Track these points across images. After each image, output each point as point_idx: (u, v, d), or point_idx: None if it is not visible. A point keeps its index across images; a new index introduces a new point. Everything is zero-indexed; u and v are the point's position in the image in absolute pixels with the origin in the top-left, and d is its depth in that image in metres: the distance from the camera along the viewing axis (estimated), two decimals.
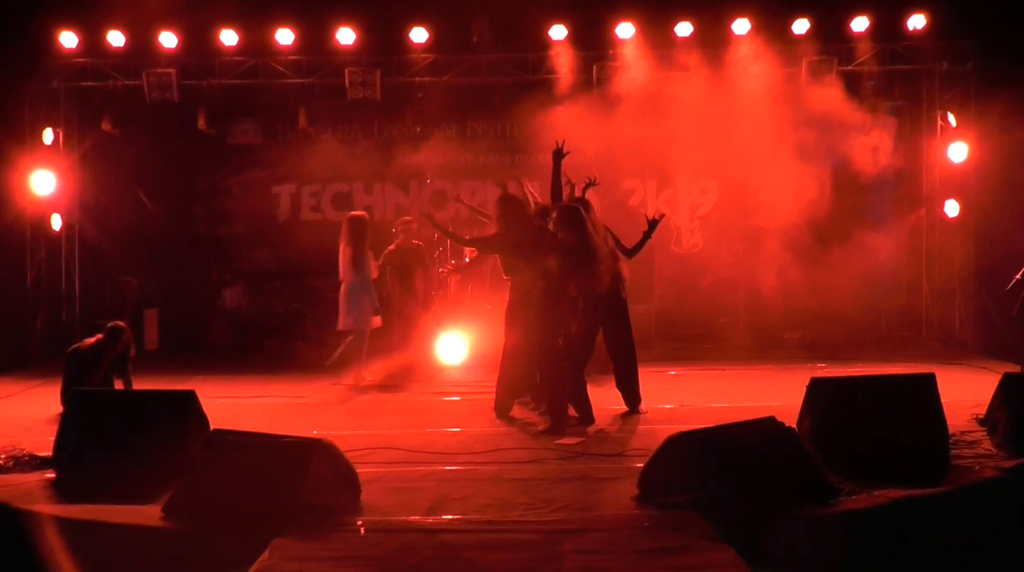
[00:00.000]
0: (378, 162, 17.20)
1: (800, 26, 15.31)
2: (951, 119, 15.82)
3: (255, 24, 15.54)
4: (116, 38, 15.42)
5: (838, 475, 6.93)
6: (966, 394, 9.92)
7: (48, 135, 15.93)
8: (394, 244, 14.16)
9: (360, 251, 12.58)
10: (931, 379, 7.95)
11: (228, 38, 15.48)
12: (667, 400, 10.86)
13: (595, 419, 9.75)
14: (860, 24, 15.39)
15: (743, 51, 15.25)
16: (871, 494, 6.56)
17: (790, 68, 15.27)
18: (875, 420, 7.64)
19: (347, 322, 12.55)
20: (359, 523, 6.37)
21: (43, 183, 15.44)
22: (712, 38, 15.38)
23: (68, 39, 15.45)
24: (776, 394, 10.56)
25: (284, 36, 15.53)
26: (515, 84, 16.01)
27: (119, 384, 10.40)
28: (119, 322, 10.66)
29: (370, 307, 12.59)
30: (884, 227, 16.45)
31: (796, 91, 15.12)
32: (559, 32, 15.44)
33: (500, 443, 8.87)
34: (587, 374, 10.13)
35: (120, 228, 16.75)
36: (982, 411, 9.05)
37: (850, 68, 15.49)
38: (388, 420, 10.25)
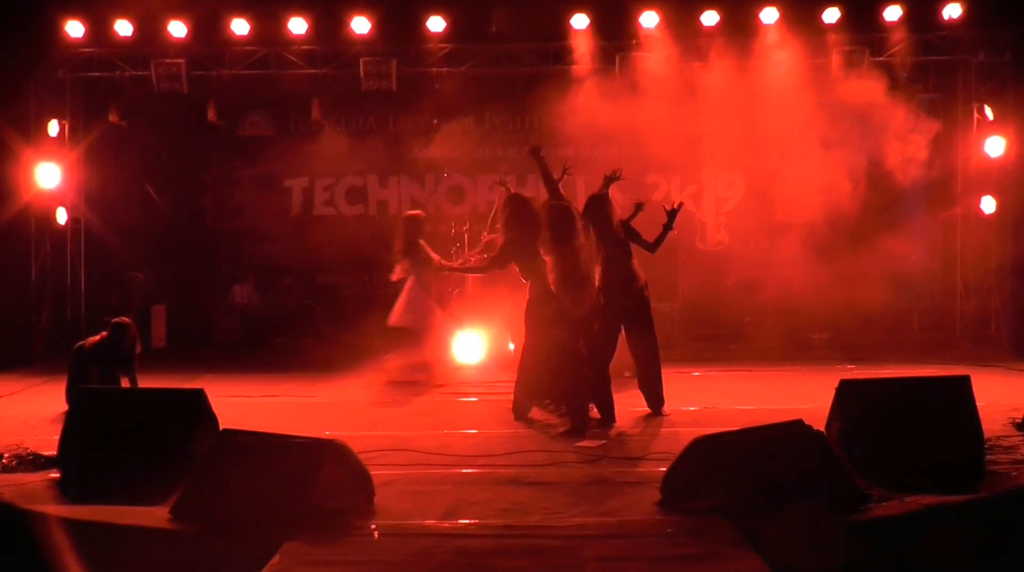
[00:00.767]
0: (393, 155, 17.23)
1: (830, 15, 15.25)
2: (988, 112, 15.75)
3: (267, 13, 15.58)
4: (124, 27, 15.46)
5: (868, 480, 6.91)
6: (1002, 397, 9.87)
7: (53, 127, 16.00)
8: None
9: (420, 249, 12.55)
10: (965, 381, 7.90)
11: (239, 27, 15.52)
12: (691, 402, 10.83)
13: (617, 421, 9.73)
14: (893, 13, 15.33)
15: (771, 41, 15.21)
16: (902, 500, 6.54)
17: (820, 59, 15.22)
18: (907, 424, 7.59)
19: (405, 320, 12.52)
20: (373, 527, 6.37)
21: (48, 176, 15.50)
22: (739, 27, 15.34)
23: (74, 28, 15.50)
24: (804, 396, 10.52)
25: (297, 25, 15.55)
26: (535, 75, 16.00)
27: (125, 382, 10.44)
28: (124, 318, 10.70)
29: (432, 306, 12.58)
30: (917, 224, 16.40)
31: (826, 83, 15.09)
32: (581, 21, 15.42)
33: (519, 445, 8.85)
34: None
35: (127, 222, 16.80)
36: (1019, 415, 9.01)
37: (882, 59, 15.43)
38: (403, 421, 10.25)
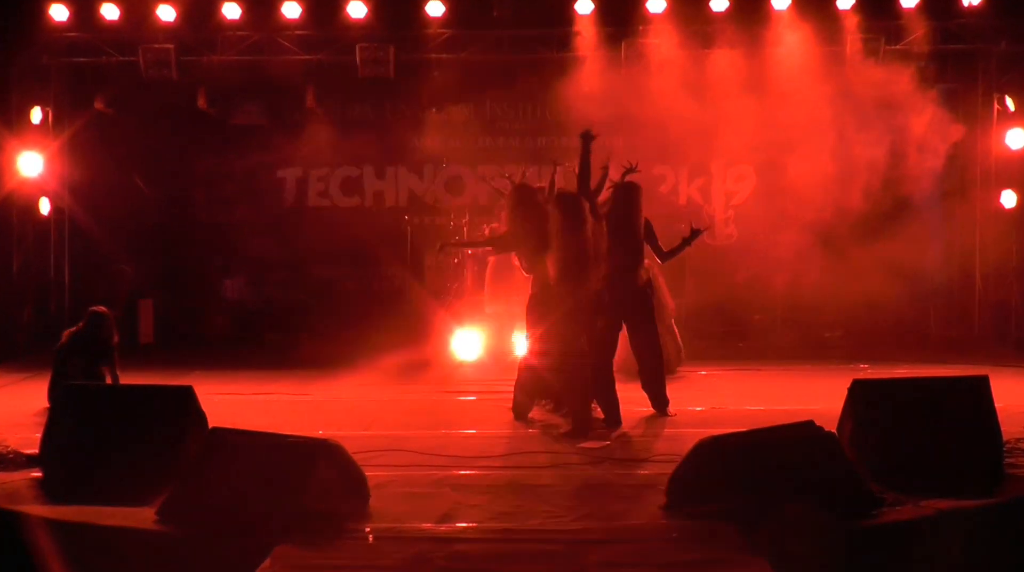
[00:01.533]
0: (390, 145, 17.23)
1: (845, 1, 15.24)
2: (1009, 103, 15.74)
3: None
4: (110, 11, 15.43)
5: (881, 484, 6.89)
6: (1022, 398, 9.86)
7: (36, 114, 15.99)
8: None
9: None
10: (983, 382, 7.88)
11: (231, 11, 15.50)
12: (697, 402, 10.84)
13: (621, 421, 9.73)
14: (910, 0, 15.31)
15: (783, 28, 15.20)
16: (917, 504, 6.53)
17: (833, 47, 15.22)
18: (922, 425, 7.58)
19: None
20: (367, 530, 6.36)
21: (30, 165, 15.49)
22: (750, 14, 15.34)
23: (59, 12, 15.47)
24: (815, 396, 10.49)
25: (291, 9, 15.54)
26: (538, 62, 16.01)
27: (107, 377, 10.44)
28: (100, 307, 10.69)
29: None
30: (934, 218, 16.41)
31: (840, 72, 15.09)
32: (585, 6, 15.41)
33: (519, 446, 8.85)
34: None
35: (113, 213, 16.79)
36: None
37: (899, 47, 15.42)
38: (399, 420, 10.25)
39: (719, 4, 15.29)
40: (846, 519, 6.33)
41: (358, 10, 15.48)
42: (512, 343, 12.63)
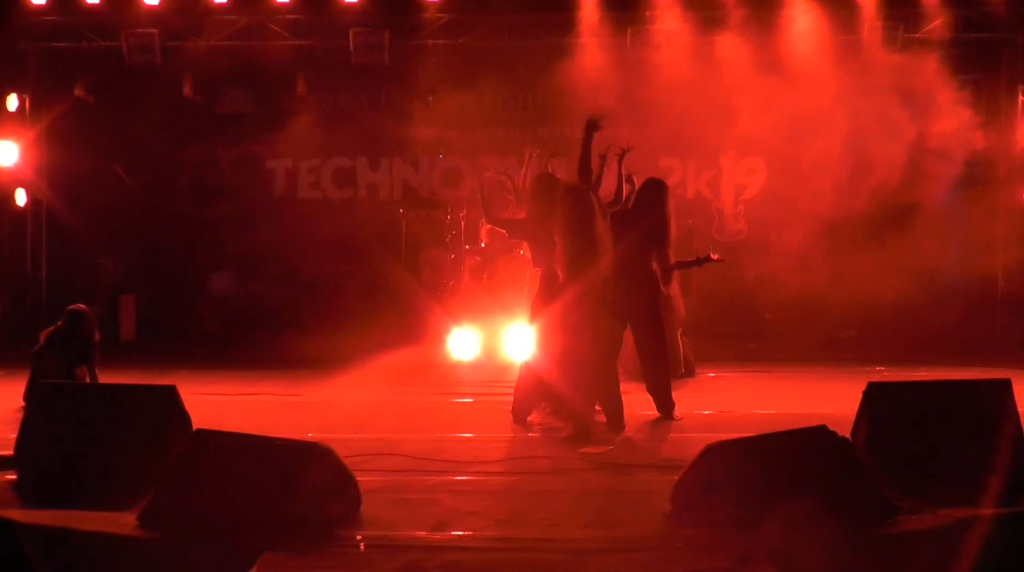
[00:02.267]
0: (385, 135, 17.22)
1: None
2: None
3: None
4: None
5: (897, 491, 6.89)
6: None
7: (13, 101, 15.99)
8: None
9: None
10: (1006, 385, 7.87)
11: None
12: (705, 406, 10.85)
13: (625, 425, 9.73)
14: None
15: (797, 14, 15.19)
16: (935, 513, 6.52)
17: (849, 35, 15.23)
18: (941, 430, 7.57)
19: None
20: (358, 538, 6.36)
21: (6, 154, 15.49)
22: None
23: None
24: (828, 400, 10.51)
25: None
26: (540, 49, 16.01)
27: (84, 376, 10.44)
28: (79, 305, 10.71)
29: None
30: (953, 214, 16.39)
31: (856, 61, 15.08)
32: None
33: (517, 451, 8.87)
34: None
35: (93, 205, 16.80)
36: None
37: (918, 36, 15.41)
38: (393, 423, 10.25)
39: None
40: (860, 528, 6.32)
41: None
42: (511, 342, 12.62)
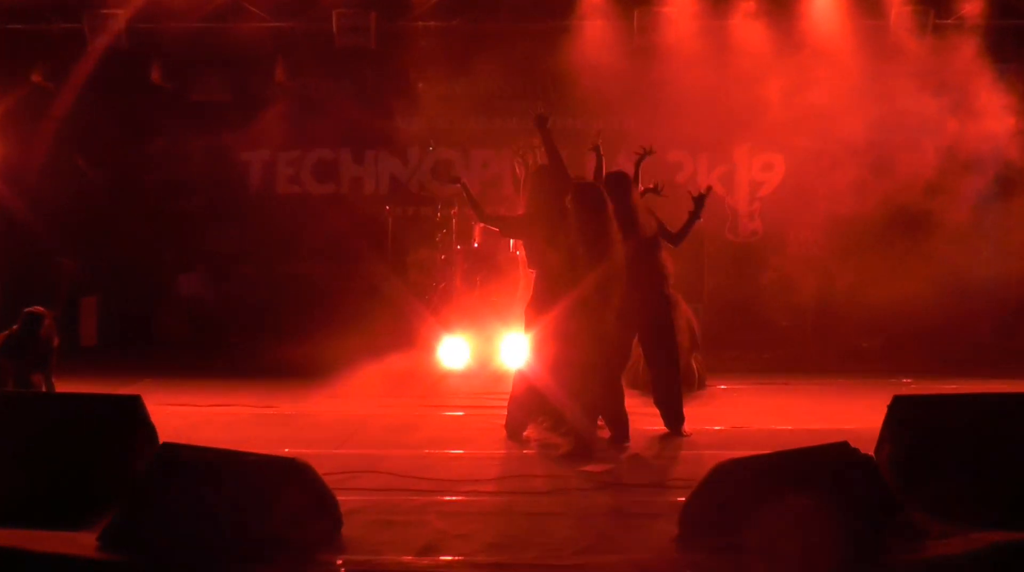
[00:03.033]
0: (370, 125, 17.21)
1: None
2: None
3: None
4: None
5: (925, 514, 6.90)
6: None
7: None
8: None
9: None
10: None
11: None
12: (716, 420, 10.85)
13: (630, 441, 9.73)
14: None
15: None
16: (966, 537, 6.52)
17: (875, 20, 15.23)
18: (973, 448, 7.56)
19: None
20: (339, 563, 6.36)
21: None
22: None
23: None
24: (850, 415, 10.53)
25: None
26: (539, 32, 15.98)
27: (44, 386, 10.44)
28: (36, 308, 10.71)
29: None
30: (989, 214, 16.39)
31: (882, 49, 15.08)
32: None
33: (512, 469, 8.86)
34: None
35: (52, 200, 16.72)
36: None
37: (950, 21, 15.41)
38: (377, 438, 10.25)
39: None
40: (885, 553, 6.32)
41: None
42: (506, 350, 12.62)
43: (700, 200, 10.28)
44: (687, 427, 10.24)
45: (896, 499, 6.84)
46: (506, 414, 10.24)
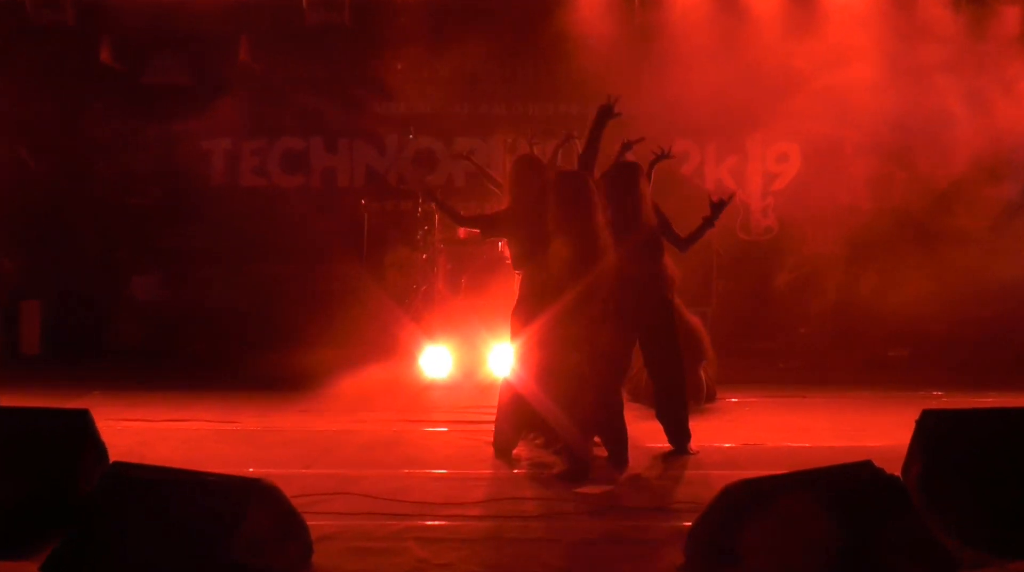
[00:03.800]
0: (345, 111, 17.22)
1: None
2: None
3: None
4: None
5: (956, 539, 6.90)
6: None
7: None
8: None
9: None
10: None
11: None
12: (726, 437, 10.86)
13: (629, 461, 9.72)
14: None
15: None
16: (1002, 567, 6.54)
17: None
18: (1010, 468, 7.58)
19: None
20: None
21: None
22: None
23: None
24: (874, 431, 10.55)
25: None
26: (532, 8, 15.99)
27: None
28: None
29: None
30: None
31: (908, 27, 15.11)
32: None
33: (500, 491, 8.85)
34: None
35: None
36: None
37: None
38: (351, 456, 10.24)
39: None
40: None
41: None
42: (494, 360, 12.63)
43: (719, 207, 10.22)
44: (693, 444, 10.24)
45: (925, 523, 6.85)
46: (494, 430, 10.23)
